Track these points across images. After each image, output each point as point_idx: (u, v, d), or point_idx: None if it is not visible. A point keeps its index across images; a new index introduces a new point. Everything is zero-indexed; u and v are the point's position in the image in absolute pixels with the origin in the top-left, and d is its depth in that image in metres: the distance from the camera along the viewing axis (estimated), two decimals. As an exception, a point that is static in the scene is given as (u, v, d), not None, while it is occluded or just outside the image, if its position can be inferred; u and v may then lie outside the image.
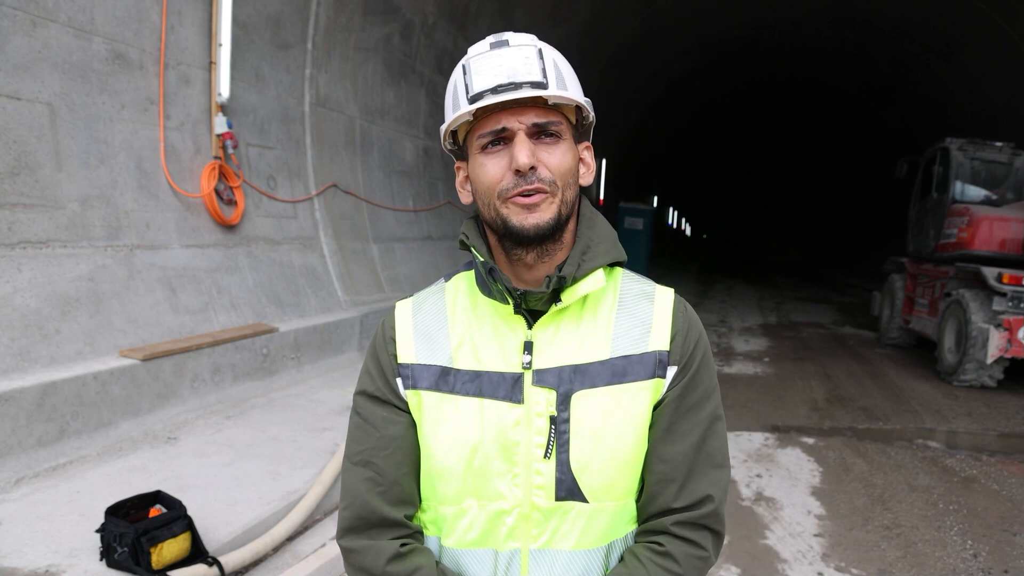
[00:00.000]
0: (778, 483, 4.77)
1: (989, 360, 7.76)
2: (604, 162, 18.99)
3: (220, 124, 5.33)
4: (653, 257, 19.33)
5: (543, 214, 1.03)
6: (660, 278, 1.10)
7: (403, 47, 8.61)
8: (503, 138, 1.04)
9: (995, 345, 7.70)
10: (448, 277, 1.22)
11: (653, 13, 16.67)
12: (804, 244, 40.08)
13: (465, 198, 1.15)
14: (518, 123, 1.03)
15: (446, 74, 9.78)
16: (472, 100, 1.02)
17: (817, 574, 3.55)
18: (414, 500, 1.14)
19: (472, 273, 1.19)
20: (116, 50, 4.55)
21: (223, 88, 5.38)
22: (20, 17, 3.90)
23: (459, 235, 1.15)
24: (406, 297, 1.23)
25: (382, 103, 8.36)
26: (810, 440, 5.79)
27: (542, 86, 1.02)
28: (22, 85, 3.92)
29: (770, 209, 47.51)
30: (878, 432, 6.12)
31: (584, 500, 1.08)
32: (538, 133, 1.04)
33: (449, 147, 1.16)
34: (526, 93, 1.01)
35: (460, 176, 1.16)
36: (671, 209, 38.56)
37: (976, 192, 9.63)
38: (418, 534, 1.14)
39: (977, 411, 7.00)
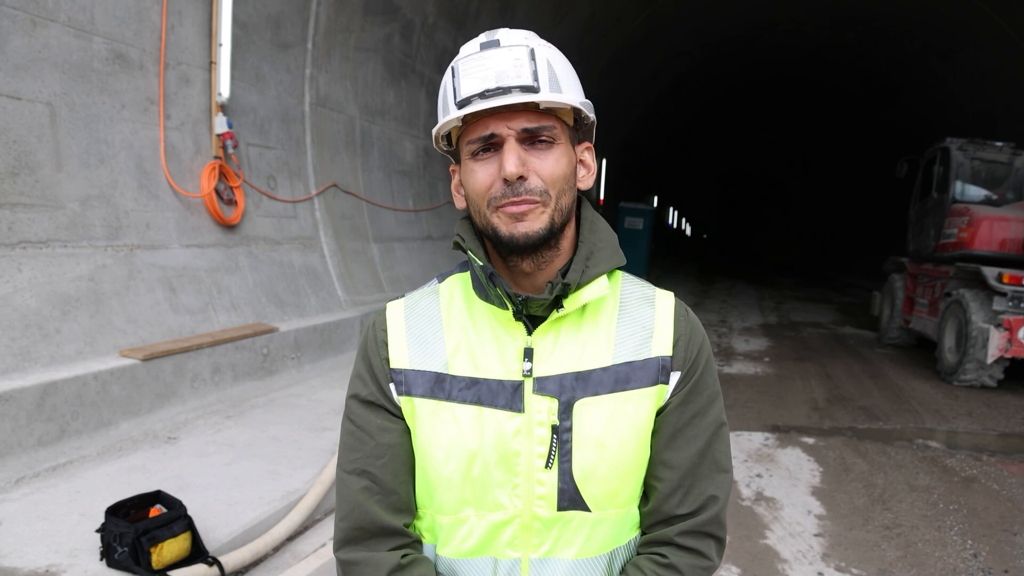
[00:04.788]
0: (778, 483, 4.77)
1: (989, 360, 7.75)
2: (604, 162, 18.99)
3: (220, 124, 5.33)
4: (653, 257, 19.33)
5: (532, 223, 1.00)
6: (661, 278, 1.07)
7: (403, 47, 8.61)
8: (493, 144, 1.00)
9: (995, 345, 7.69)
10: (442, 278, 1.17)
11: (653, 13, 16.67)
12: (804, 244, 40.07)
13: (460, 203, 1.11)
14: (507, 129, 0.98)
15: (446, 74, 9.77)
16: (460, 105, 0.98)
17: (817, 574, 3.54)
18: (411, 508, 1.11)
19: (467, 275, 1.14)
20: (116, 50, 4.55)
21: (223, 88, 5.38)
22: (20, 17, 3.90)
23: (453, 236, 1.10)
24: (397, 297, 1.17)
25: (382, 103, 8.36)
26: (810, 440, 5.79)
27: (533, 90, 0.97)
28: (22, 85, 3.92)
29: (770, 209, 47.49)
30: (878, 432, 6.11)
31: (587, 509, 1.05)
32: (530, 138, 1.00)
33: (444, 148, 1.11)
34: (515, 99, 0.96)
35: (455, 180, 1.12)
36: (671, 209, 38.58)
37: (976, 192, 9.63)
38: (417, 543, 1.11)
39: (977, 411, 7.00)
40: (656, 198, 29.58)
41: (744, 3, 17.35)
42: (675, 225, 41.03)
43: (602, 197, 19.23)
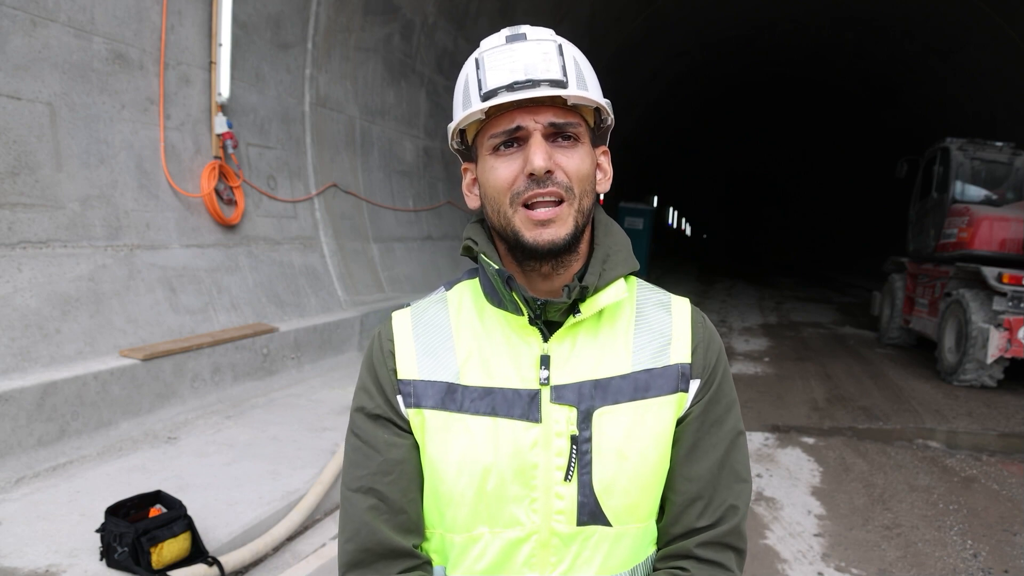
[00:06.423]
0: (778, 483, 4.77)
1: (989, 360, 7.75)
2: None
3: (220, 124, 5.33)
4: (653, 257, 19.32)
5: (559, 229, 0.97)
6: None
7: (403, 47, 8.61)
8: (517, 139, 0.97)
9: (995, 345, 7.69)
10: (449, 286, 1.14)
11: (653, 13, 16.67)
12: (804, 244, 40.08)
13: (472, 202, 1.07)
14: (534, 122, 0.96)
15: (446, 74, 9.78)
16: (485, 97, 0.95)
17: (817, 574, 3.55)
18: (421, 529, 1.06)
19: (476, 282, 1.10)
20: (116, 50, 4.55)
21: (223, 88, 5.38)
22: (20, 17, 3.90)
23: (464, 240, 1.06)
24: (403, 307, 1.13)
25: (382, 103, 8.36)
26: (810, 440, 5.79)
27: (561, 85, 0.95)
28: (22, 85, 3.92)
29: (770, 209, 47.47)
30: (878, 432, 6.11)
31: (607, 524, 1.02)
32: (555, 135, 0.97)
33: (456, 147, 1.07)
34: (544, 92, 0.94)
35: (467, 179, 1.08)
36: (671, 209, 38.58)
37: (976, 192, 9.63)
38: (427, 565, 1.06)
39: (977, 411, 7.00)
40: (656, 198, 29.57)
41: (744, 3, 17.35)
42: (675, 225, 41.04)
43: (602, 197, 19.23)
